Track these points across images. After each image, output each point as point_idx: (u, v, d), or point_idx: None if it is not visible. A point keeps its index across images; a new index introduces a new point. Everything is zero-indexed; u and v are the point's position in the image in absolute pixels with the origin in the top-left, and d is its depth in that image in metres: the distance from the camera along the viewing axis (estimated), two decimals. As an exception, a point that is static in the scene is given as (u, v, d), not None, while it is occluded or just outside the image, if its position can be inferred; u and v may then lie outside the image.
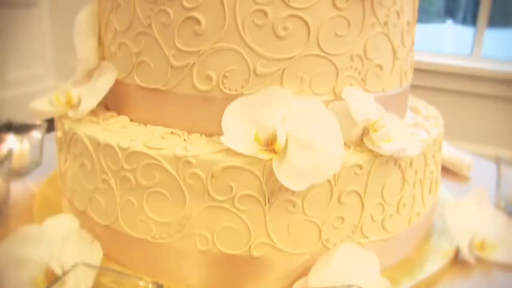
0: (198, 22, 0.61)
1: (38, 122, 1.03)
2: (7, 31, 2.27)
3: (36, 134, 1.02)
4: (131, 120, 0.71)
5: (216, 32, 0.61)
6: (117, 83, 0.70)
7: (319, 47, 0.62)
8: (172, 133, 0.65)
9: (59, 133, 0.76)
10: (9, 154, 0.85)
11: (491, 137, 2.22)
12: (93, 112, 0.72)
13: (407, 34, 0.72)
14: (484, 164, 1.16)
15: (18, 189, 0.93)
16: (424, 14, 3.22)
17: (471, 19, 2.96)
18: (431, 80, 2.20)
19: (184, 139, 0.64)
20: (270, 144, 0.58)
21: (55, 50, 2.51)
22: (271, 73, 0.62)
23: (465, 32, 2.90)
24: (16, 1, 2.31)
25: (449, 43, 3.35)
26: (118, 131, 0.66)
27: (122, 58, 0.70)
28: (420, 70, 2.13)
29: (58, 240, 0.66)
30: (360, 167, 0.61)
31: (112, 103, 0.74)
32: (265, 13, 0.60)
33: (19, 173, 0.98)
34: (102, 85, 0.70)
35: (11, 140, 0.97)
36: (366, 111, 0.63)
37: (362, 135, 0.65)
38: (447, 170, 1.09)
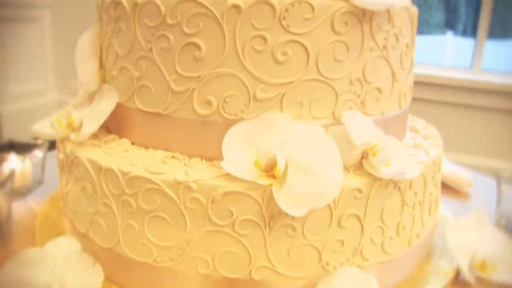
0: (198, 47, 0.62)
1: (40, 141, 1.04)
2: (10, 45, 2.29)
3: (38, 153, 1.02)
4: (132, 143, 0.71)
5: (216, 58, 0.62)
6: (118, 106, 0.71)
7: (318, 72, 0.63)
8: (172, 157, 0.66)
9: (60, 155, 0.76)
10: (11, 175, 0.85)
11: (491, 149, 2.22)
12: (95, 135, 0.72)
13: (406, 56, 0.73)
14: (484, 180, 1.16)
15: (19, 208, 0.93)
16: (424, 26, 3.24)
17: (471, 30, 2.97)
18: (431, 93, 2.21)
19: (185, 164, 0.64)
20: (270, 169, 0.58)
21: (56, 64, 2.52)
22: (271, 98, 0.63)
23: (465, 44, 2.91)
24: (19, 16, 2.32)
25: (449, 55, 3.36)
26: (119, 155, 0.67)
27: (123, 81, 0.70)
28: (420, 83, 2.14)
29: (60, 263, 0.66)
30: (360, 191, 0.62)
31: (113, 125, 0.75)
32: (264, 39, 0.61)
33: (21, 192, 0.98)
34: (103, 108, 0.71)
35: (13, 160, 0.97)
36: (365, 134, 0.63)
37: (362, 158, 0.65)
38: (447, 187, 1.09)
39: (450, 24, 3.41)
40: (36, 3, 2.42)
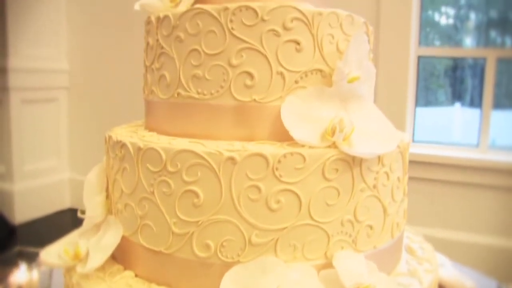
0: (196, 195, 0.66)
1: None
2: (26, 124, 2.36)
3: (47, 261, 1.05)
4: (136, 275, 0.74)
5: (214, 205, 0.66)
6: (124, 238, 0.75)
7: (310, 217, 0.66)
8: (173, 295, 0.69)
9: (66, 281, 0.79)
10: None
11: (502, 228, 2.22)
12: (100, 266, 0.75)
13: (398, 188, 0.76)
14: (487, 284, 1.17)
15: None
16: (433, 98, 3.29)
17: (478, 101, 3.01)
18: (438, 173, 2.23)
19: (185, 304, 0.67)
20: (264, 316, 0.61)
21: (70, 143, 2.59)
22: (265, 243, 0.66)
23: (473, 114, 2.94)
24: (37, 97, 2.41)
25: (457, 127, 3.39)
26: (122, 292, 0.70)
27: (127, 217, 0.74)
28: (427, 164, 2.17)
29: None
30: (352, 332, 0.64)
31: (118, 255, 0.78)
32: (258, 189, 0.64)
33: (30, 304, 1.01)
34: (109, 242, 0.74)
35: (21, 271, 1.00)
36: (356, 275, 0.66)
37: (355, 294, 0.67)
38: (449, 293, 1.10)
39: (457, 95, 3.46)
40: (54, 84, 2.51)
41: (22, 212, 2.33)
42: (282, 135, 0.68)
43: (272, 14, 0.70)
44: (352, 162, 0.67)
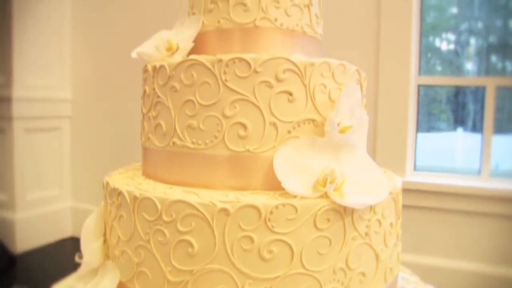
0: (191, 244, 0.67)
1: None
2: (28, 153, 2.38)
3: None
4: (132, 322, 0.75)
5: (208, 255, 0.67)
6: (120, 284, 0.76)
7: (302, 266, 0.67)
8: None
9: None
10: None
11: (502, 256, 2.21)
12: (97, 311, 0.77)
13: (390, 234, 0.77)
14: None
15: None
16: (435, 123, 3.30)
17: (481, 127, 3.02)
18: (438, 202, 2.23)
19: None
20: None
21: (72, 171, 2.61)
22: (258, 292, 0.67)
23: (475, 139, 2.95)
24: (41, 126, 2.44)
25: (460, 152, 3.40)
26: None
27: (124, 263, 0.75)
28: (426, 192, 2.17)
29: None
30: None
31: (116, 300, 0.79)
32: (251, 239, 0.66)
33: None
34: (106, 287, 0.75)
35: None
36: (348, 324, 0.67)
37: None
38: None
39: (460, 120, 3.47)
40: (57, 114, 2.53)
41: (24, 241, 2.34)
42: (276, 184, 0.70)
43: (265, 66, 0.72)
44: (344, 212, 0.69)
